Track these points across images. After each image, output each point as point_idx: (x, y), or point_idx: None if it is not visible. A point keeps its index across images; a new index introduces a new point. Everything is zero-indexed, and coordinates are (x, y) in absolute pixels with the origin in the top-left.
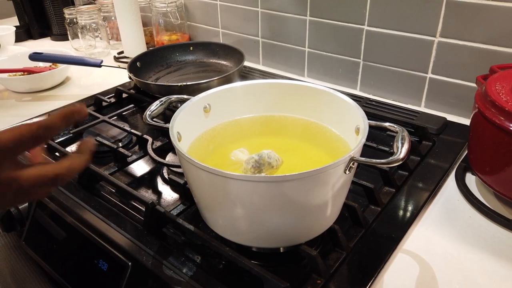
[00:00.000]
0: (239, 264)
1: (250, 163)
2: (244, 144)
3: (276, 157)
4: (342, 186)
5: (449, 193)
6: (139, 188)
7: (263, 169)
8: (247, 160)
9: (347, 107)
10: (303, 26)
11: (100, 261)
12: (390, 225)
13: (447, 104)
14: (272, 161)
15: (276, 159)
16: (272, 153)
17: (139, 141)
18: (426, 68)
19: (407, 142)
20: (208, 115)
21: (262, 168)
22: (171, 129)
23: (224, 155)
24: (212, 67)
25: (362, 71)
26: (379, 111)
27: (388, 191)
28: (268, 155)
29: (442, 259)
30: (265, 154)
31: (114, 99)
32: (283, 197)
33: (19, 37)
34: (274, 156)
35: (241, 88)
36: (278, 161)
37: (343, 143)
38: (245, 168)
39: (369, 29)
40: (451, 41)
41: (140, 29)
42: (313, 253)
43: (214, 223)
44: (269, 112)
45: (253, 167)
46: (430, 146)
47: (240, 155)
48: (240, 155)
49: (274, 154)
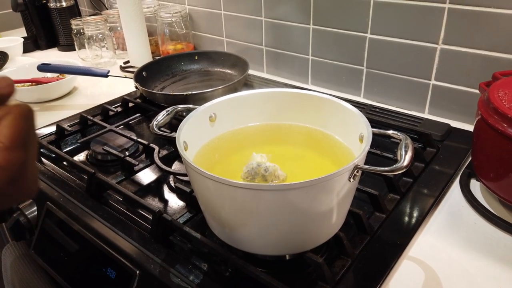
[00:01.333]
0: (246, 272)
1: (248, 168)
2: (249, 153)
3: (276, 173)
4: (346, 194)
5: (454, 199)
6: (146, 196)
7: (256, 179)
8: (248, 165)
9: (350, 115)
10: (307, 34)
11: (108, 269)
12: (395, 231)
13: (451, 110)
14: (268, 175)
15: (275, 175)
16: (271, 167)
17: (146, 150)
18: (429, 75)
19: (410, 149)
20: (214, 124)
21: (255, 178)
22: (178, 138)
23: (230, 163)
24: (217, 76)
25: (365, 78)
26: (383, 118)
27: (393, 198)
28: (266, 168)
29: (448, 265)
30: (264, 166)
31: (121, 109)
32: (288, 205)
33: (27, 48)
34: (274, 171)
35: (246, 97)
36: (278, 177)
37: (347, 151)
38: (243, 171)
39: (372, 37)
40: (454, 48)
41: (145, 39)
42: (319, 260)
43: (220, 231)
44: (274, 120)
45: (248, 172)
46: (434, 152)
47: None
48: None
49: (274, 168)
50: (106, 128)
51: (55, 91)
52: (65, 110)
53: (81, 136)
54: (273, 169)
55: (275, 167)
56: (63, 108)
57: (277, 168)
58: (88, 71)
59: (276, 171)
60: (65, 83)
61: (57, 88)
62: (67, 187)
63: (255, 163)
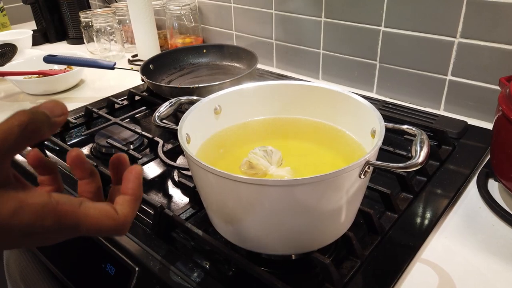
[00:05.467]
0: (249, 272)
1: (247, 159)
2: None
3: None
4: (356, 192)
5: (470, 200)
6: (149, 191)
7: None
8: (248, 155)
9: (362, 108)
10: (318, 27)
11: (108, 265)
12: (408, 232)
13: (468, 107)
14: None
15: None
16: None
17: (150, 143)
18: (445, 70)
19: (426, 145)
20: (219, 116)
21: (254, 170)
22: (180, 130)
23: (235, 158)
24: (225, 70)
25: (378, 73)
26: (396, 114)
27: (406, 197)
28: (267, 150)
29: (463, 269)
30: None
31: (127, 102)
32: (295, 202)
33: (37, 40)
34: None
35: (253, 89)
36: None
37: (358, 147)
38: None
39: (386, 30)
40: (472, 42)
41: (154, 32)
42: (326, 261)
43: (223, 229)
44: (282, 114)
45: (247, 163)
46: (450, 150)
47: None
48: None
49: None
50: (111, 121)
51: (61, 83)
52: (71, 102)
53: (86, 129)
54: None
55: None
56: (69, 100)
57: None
58: (94, 63)
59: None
60: (71, 75)
61: (64, 80)
62: (70, 180)
63: (252, 153)
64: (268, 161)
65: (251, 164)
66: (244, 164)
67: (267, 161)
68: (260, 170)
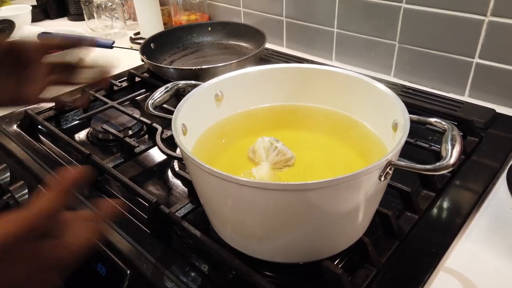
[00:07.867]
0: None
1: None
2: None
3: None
4: (375, 195)
5: (500, 198)
6: (147, 182)
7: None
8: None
9: (383, 97)
10: (332, 4)
11: (99, 264)
12: (429, 236)
13: (497, 93)
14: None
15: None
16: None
17: (149, 130)
18: (472, 52)
19: (458, 143)
20: (220, 104)
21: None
22: (174, 121)
23: (238, 150)
24: (231, 49)
25: (397, 54)
26: (417, 100)
27: (427, 195)
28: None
29: (492, 279)
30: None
31: (127, 83)
32: (304, 207)
33: (36, 16)
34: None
35: (259, 73)
36: (285, 155)
37: (377, 141)
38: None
39: (407, 6)
40: (504, 21)
41: (157, 8)
42: (338, 271)
43: (223, 231)
44: (290, 101)
45: (253, 148)
46: (477, 142)
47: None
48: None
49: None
50: (108, 104)
51: None
52: None
53: (83, 112)
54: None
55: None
56: None
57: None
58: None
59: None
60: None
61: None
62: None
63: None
64: (266, 155)
65: (254, 149)
66: (252, 149)
67: (266, 155)
68: (257, 158)
